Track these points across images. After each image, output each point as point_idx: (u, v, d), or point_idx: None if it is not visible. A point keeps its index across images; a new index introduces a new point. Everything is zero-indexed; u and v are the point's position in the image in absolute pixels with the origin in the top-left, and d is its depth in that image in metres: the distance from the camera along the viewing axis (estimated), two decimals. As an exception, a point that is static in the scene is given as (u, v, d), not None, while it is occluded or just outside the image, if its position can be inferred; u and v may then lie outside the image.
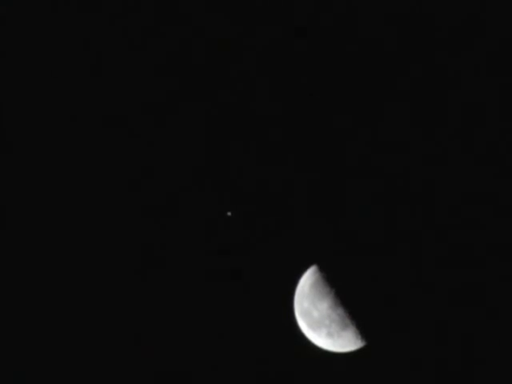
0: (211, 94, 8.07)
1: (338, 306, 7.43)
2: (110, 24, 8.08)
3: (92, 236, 8.11)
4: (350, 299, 7.42)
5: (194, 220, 8.03)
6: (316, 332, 7.57)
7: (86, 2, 8.06)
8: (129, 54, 8.13)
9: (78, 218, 8.13)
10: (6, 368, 7.97)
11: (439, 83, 7.98)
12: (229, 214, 7.92)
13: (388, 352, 7.73)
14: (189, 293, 8.01)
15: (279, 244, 7.94)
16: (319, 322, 7.53)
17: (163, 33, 8.09)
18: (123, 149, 8.15)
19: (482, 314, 7.83)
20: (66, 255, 8.08)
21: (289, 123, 8.02)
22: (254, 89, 8.03)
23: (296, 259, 7.84)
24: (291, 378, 7.88)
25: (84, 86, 8.15)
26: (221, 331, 7.96)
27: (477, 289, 7.84)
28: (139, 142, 8.14)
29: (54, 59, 8.14)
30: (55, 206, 8.12)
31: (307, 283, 7.67)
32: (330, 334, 7.51)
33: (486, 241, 7.87)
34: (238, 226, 7.98)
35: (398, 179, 7.93)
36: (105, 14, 8.05)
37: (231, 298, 7.96)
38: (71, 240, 8.11)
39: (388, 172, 7.93)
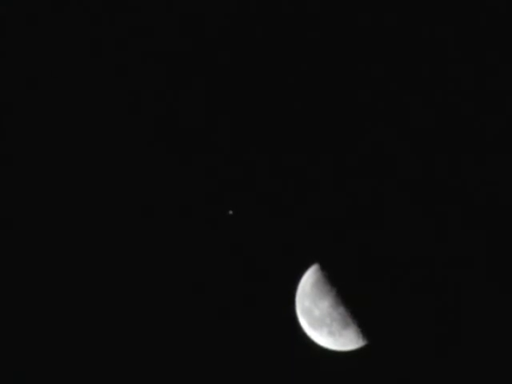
0: (211, 92, 8.09)
1: (339, 305, 7.44)
2: (110, 24, 8.09)
3: (91, 235, 8.11)
4: (351, 298, 7.42)
5: (195, 219, 8.03)
6: (317, 331, 7.57)
7: (87, 1, 8.07)
8: (128, 54, 8.15)
9: (77, 217, 8.13)
10: (6, 368, 7.96)
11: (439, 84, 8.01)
12: (230, 212, 7.93)
13: (389, 351, 7.73)
14: (189, 292, 8.01)
15: (280, 243, 7.94)
16: (320, 320, 7.53)
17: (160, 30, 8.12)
18: (123, 148, 8.15)
19: (482, 314, 7.84)
20: (67, 255, 8.08)
21: (289, 122, 8.04)
22: (254, 88, 8.05)
23: (297, 258, 7.85)
24: (292, 377, 7.88)
25: (84, 86, 8.16)
26: (222, 330, 7.96)
27: (478, 289, 7.85)
28: (139, 142, 8.14)
29: (55, 59, 8.14)
30: (54, 207, 8.13)
31: (308, 282, 7.68)
32: (331, 333, 7.51)
33: (487, 241, 7.89)
34: (239, 225, 7.99)
35: (399, 179, 7.94)
36: (106, 13, 8.06)
37: (232, 297, 7.96)
38: (71, 241, 8.11)
39: (389, 172, 7.95)
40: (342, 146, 8.01)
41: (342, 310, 7.43)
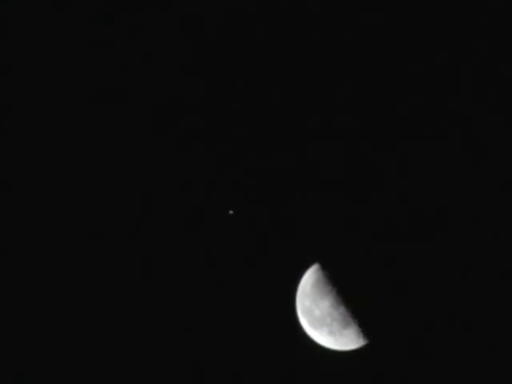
0: (211, 92, 8.09)
1: (340, 305, 7.44)
2: (110, 24, 8.09)
3: (90, 235, 8.11)
4: (352, 298, 7.43)
5: (195, 219, 8.03)
6: (318, 330, 7.58)
7: (87, 1, 8.07)
8: (128, 54, 8.15)
9: (77, 217, 8.13)
10: (6, 368, 7.95)
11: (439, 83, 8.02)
12: (231, 212, 7.93)
13: (389, 351, 7.74)
14: (189, 292, 8.01)
15: (281, 243, 7.95)
16: (321, 320, 7.53)
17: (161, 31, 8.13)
18: (123, 148, 8.15)
19: (482, 315, 7.84)
20: (67, 255, 8.08)
21: (289, 121, 8.05)
22: (255, 87, 8.06)
23: (297, 258, 7.85)
24: (293, 377, 7.88)
25: (84, 86, 8.16)
26: (222, 330, 7.96)
27: (478, 289, 7.85)
28: (139, 142, 8.15)
29: (55, 60, 8.15)
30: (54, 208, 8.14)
31: (309, 282, 7.68)
32: (331, 333, 7.52)
33: (488, 241, 7.90)
34: (239, 225, 7.99)
35: (399, 178, 7.95)
36: (106, 13, 8.06)
37: (232, 297, 7.96)
38: (71, 240, 8.11)
39: (390, 172, 7.95)
40: (342, 146, 8.02)
41: (342, 309, 7.43)
